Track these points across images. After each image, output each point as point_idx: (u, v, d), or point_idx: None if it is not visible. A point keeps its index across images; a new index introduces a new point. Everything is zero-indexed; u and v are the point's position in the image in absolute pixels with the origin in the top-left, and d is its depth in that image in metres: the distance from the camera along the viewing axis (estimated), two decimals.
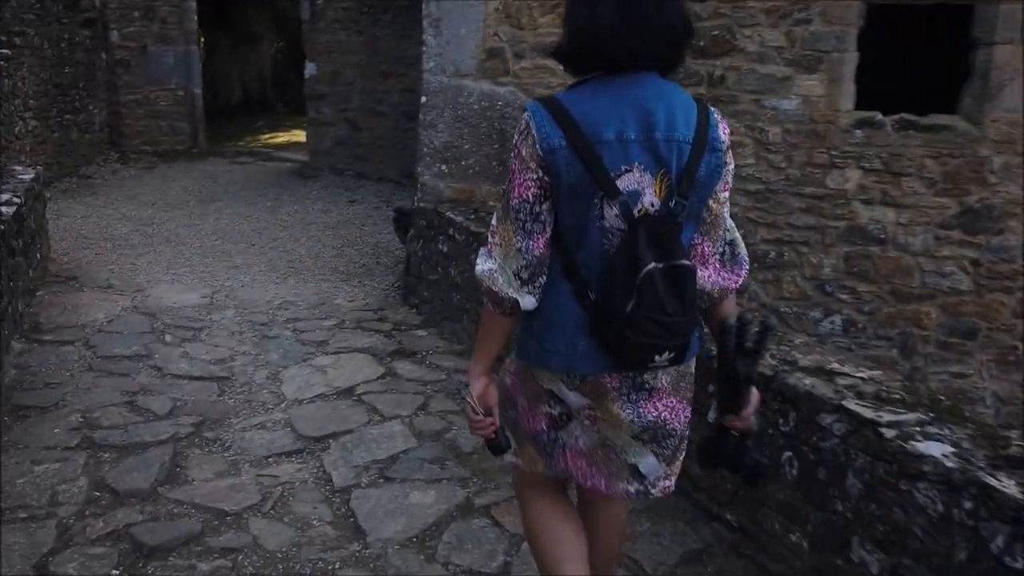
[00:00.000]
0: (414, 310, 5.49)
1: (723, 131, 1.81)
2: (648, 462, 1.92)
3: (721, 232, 1.89)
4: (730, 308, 1.95)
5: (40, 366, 4.10)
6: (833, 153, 5.36)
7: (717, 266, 1.90)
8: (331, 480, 3.22)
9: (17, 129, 8.26)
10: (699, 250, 1.87)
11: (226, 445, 3.49)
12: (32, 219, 5.37)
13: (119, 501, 2.98)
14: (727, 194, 1.87)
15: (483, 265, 1.83)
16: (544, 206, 1.77)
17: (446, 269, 5.09)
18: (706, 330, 2.05)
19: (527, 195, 1.76)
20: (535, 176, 1.75)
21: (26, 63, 8.55)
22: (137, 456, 3.31)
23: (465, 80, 5.45)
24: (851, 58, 5.21)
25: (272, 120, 17.06)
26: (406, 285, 5.79)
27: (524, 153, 1.76)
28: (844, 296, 5.64)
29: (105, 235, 7.45)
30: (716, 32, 5.20)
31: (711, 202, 1.84)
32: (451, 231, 5.03)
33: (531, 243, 1.78)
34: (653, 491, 1.97)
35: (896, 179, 5.40)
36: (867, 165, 5.38)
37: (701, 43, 5.15)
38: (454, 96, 5.45)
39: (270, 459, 3.39)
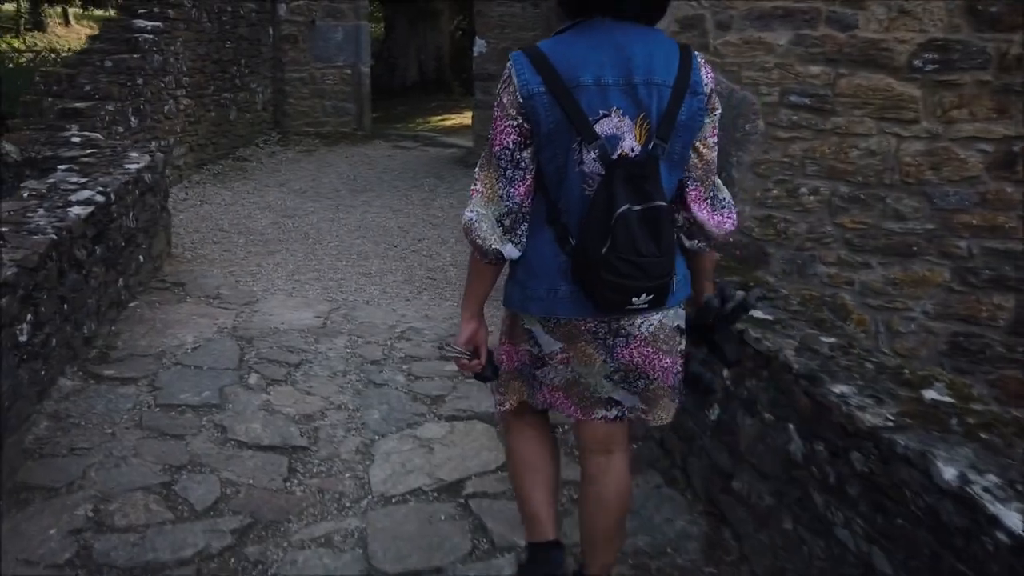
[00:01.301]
0: None
1: (706, 75, 1.83)
2: (621, 394, 1.98)
3: (713, 178, 1.91)
4: (712, 262, 2.02)
5: (80, 417, 3.25)
6: None
7: (709, 211, 1.91)
8: None
9: (167, 108, 7.75)
10: (692, 195, 1.89)
11: (268, 574, 2.47)
12: (133, 216, 4.64)
13: None
14: (715, 139, 1.89)
15: (467, 213, 1.87)
16: (524, 153, 1.82)
17: None
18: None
19: (507, 142, 1.81)
20: (515, 123, 1.79)
21: (180, 37, 8.03)
22: None
23: None
24: None
25: (447, 101, 16.36)
26: None
27: (505, 101, 1.81)
28: None
29: (242, 227, 6.78)
30: None
31: (701, 147, 1.86)
32: None
33: (512, 190, 1.83)
34: (630, 415, 2.02)
35: None
36: None
37: (992, 9, 3.61)
38: None
39: None
